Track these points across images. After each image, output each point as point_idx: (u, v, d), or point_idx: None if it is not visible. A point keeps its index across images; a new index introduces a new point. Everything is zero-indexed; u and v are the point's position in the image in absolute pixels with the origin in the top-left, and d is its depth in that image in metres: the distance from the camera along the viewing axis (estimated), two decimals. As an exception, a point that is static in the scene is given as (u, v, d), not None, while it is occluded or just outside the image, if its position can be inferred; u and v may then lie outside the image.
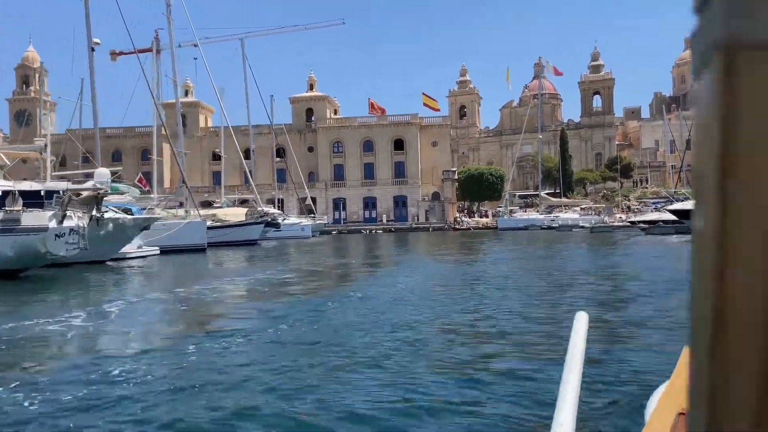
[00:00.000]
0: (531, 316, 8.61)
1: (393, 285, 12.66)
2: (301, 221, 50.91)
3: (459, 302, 10.15)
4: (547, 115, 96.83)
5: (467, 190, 78.08)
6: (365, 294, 11.03)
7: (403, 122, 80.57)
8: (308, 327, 8.19)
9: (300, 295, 11.95)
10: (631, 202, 77.92)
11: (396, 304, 9.78)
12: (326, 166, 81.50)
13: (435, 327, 8.15)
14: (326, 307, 9.64)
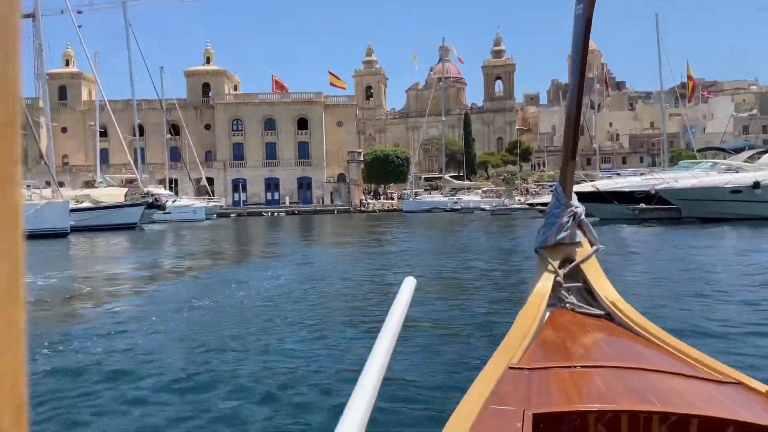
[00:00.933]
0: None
1: (269, 280, 10.70)
2: (193, 203, 47.19)
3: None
4: (451, 98, 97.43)
5: (373, 172, 76.86)
6: (217, 297, 8.74)
7: (307, 100, 77.62)
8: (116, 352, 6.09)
9: (133, 297, 9.50)
10: (530, 185, 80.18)
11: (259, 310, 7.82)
12: (225, 144, 77.07)
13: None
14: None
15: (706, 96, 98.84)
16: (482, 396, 1.45)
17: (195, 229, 34.60)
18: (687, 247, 14.69)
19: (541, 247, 2.78)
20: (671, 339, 2.02)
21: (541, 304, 2.41)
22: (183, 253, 18.24)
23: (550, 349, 1.99)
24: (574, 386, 1.56)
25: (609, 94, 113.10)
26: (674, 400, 1.41)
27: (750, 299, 7.22)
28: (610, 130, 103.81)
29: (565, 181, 2.82)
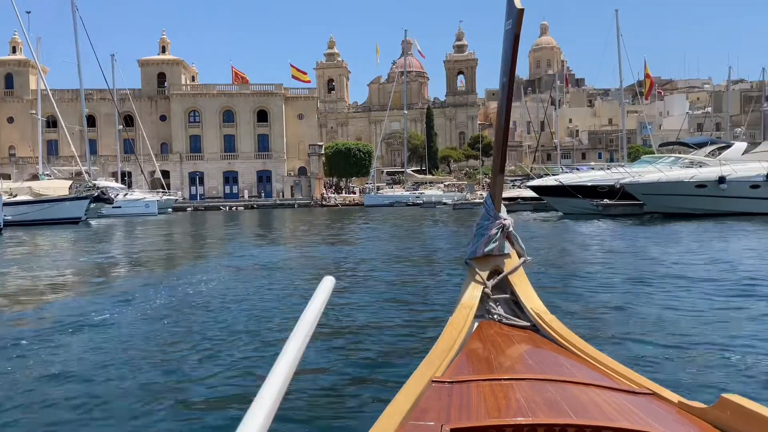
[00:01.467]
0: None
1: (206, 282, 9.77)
2: (144, 197, 45.30)
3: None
4: (414, 92, 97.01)
5: (335, 166, 75.80)
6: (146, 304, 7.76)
7: (267, 92, 75.83)
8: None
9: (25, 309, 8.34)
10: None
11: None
12: (181, 136, 74.70)
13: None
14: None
15: (662, 94, 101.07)
16: (402, 410, 1.43)
17: (145, 224, 33.05)
18: (645, 245, 14.38)
19: (471, 258, 2.81)
20: (591, 350, 2.06)
21: (469, 315, 2.41)
22: (118, 252, 17.02)
23: (474, 361, 2.00)
24: (494, 399, 1.55)
25: (569, 90, 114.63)
26: (590, 412, 1.42)
27: (690, 304, 6.88)
28: (570, 126, 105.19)
29: (495, 193, 2.86)
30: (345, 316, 6.57)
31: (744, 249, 12.36)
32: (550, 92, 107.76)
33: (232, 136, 75.39)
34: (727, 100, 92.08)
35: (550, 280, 8.80)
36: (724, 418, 1.38)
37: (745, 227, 17.99)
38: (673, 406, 1.57)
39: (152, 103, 76.52)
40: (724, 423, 1.37)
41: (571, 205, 26.75)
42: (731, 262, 10.58)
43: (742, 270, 9.39)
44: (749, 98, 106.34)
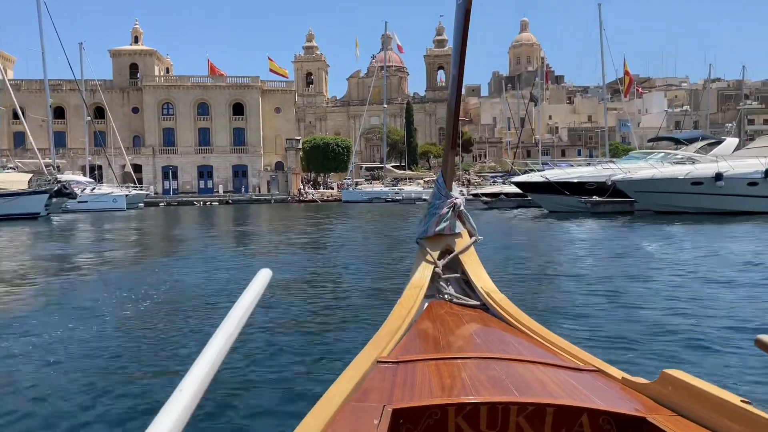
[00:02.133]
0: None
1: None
2: (112, 191, 43.45)
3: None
4: (393, 87, 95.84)
5: (313, 161, 74.31)
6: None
7: (243, 85, 73.99)
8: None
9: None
10: (471, 176, 79.85)
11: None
12: (154, 129, 72.53)
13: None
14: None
15: (640, 92, 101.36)
16: (345, 391, 1.42)
17: (111, 220, 31.40)
18: (635, 244, 13.47)
19: (421, 237, 2.80)
20: (539, 328, 2.07)
21: (419, 295, 2.40)
22: (65, 250, 15.61)
23: (422, 341, 1.99)
24: (438, 379, 1.55)
25: (548, 87, 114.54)
26: (533, 390, 1.45)
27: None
28: (549, 123, 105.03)
29: (446, 171, 2.84)
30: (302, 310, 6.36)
31: (741, 251, 11.48)
32: (531, 89, 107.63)
33: (207, 129, 73.47)
34: (706, 98, 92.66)
35: (527, 283, 8.00)
36: (666, 392, 1.41)
37: (741, 227, 17.17)
38: (616, 382, 1.58)
39: (124, 94, 74.20)
40: (665, 397, 1.41)
41: (557, 203, 25.74)
42: (720, 260, 9.95)
43: (713, 267, 9.11)
44: (727, 96, 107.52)
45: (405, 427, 1.33)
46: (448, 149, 2.77)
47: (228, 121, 73.35)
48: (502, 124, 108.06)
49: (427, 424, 1.34)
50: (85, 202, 39.45)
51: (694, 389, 1.33)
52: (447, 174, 2.83)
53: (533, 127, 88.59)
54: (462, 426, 1.36)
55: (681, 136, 29.92)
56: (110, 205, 40.99)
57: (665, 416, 1.32)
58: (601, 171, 25.86)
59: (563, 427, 1.34)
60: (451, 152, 2.76)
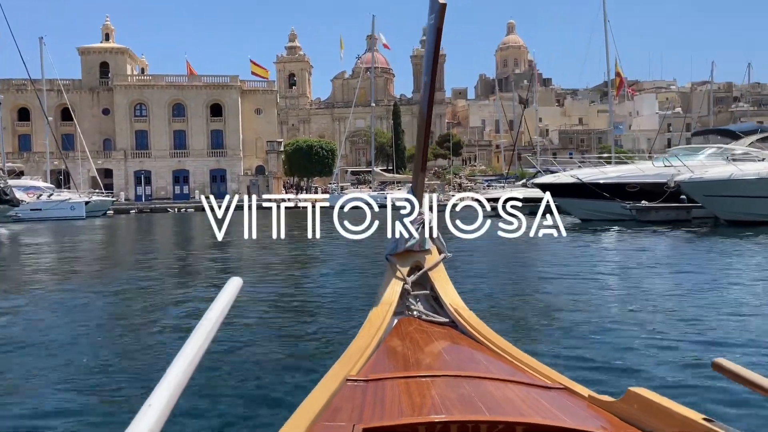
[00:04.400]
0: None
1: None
2: (69, 198, 39.29)
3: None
4: (379, 89, 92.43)
5: (295, 165, 70.44)
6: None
7: (221, 84, 69.94)
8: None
9: None
10: (462, 180, 76.67)
11: None
12: (126, 131, 68.13)
13: None
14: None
15: (632, 93, 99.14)
16: (314, 410, 1.41)
17: (61, 231, 27.38)
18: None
19: (391, 254, 2.81)
20: (508, 345, 2.09)
21: (388, 312, 2.41)
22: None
23: (391, 358, 2.00)
24: (408, 397, 1.56)
25: (537, 90, 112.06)
26: (503, 408, 1.47)
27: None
28: (540, 125, 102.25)
29: (417, 189, 2.87)
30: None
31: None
32: (527, 92, 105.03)
33: (182, 131, 69.25)
34: (698, 99, 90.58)
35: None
36: (631, 410, 1.44)
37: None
38: (583, 400, 1.61)
39: (94, 95, 69.79)
40: (630, 415, 1.44)
41: (590, 209, 21.67)
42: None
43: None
44: (718, 99, 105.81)
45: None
46: (417, 171, 2.81)
47: (205, 122, 69.21)
48: (491, 126, 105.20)
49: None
50: (38, 210, 35.35)
51: (659, 407, 1.36)
52: (417, 191, 2.85)
53: (523, 130, 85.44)
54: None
55: (735, 127, 26.25)
56: (68, 213, 36.82)
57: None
58: (649, 169, 21.98)
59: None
60: (421, 174, 2.79)
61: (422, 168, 2.76)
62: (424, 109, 2.53)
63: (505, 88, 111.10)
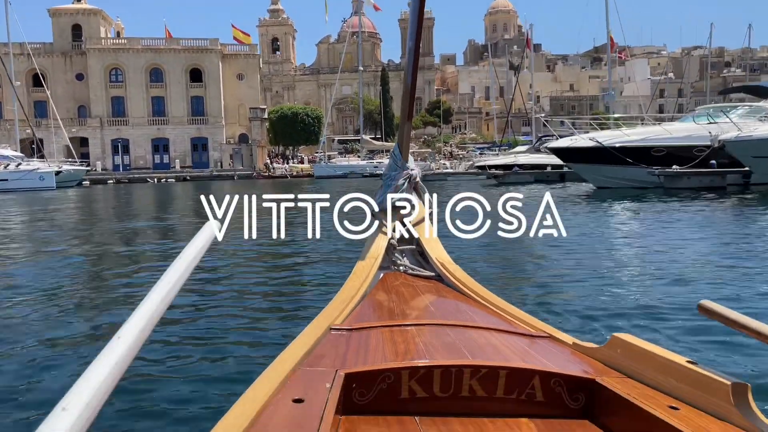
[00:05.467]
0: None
1: None
2: (38, 168, 36.81)
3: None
4: (366, 54, 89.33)
5: (280, 133, 67.87)
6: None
7: (201, 48, 66.62)
8: None
9: None
10: (452, 149, 74.77)
11: None
12: (101, 98, 64.89)
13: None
14: None
15: (623, 58, 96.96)
16: (296, 356, 1.42)
17: (26, 202, 25.22)
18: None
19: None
20: (493, 297, 2.10)
21: (373, 266, 2.42)
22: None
23: (375, 309, 2.01)
24: (392, 345, 1.57)
25: (528, 55, 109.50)
26: (486, 354, 1.49)
27: None
28: (530, 92, 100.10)
29: (402, 142, 2.83)
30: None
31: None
32: (521, 58, 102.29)
33: (161, 98, 66.16)
34: (692, 64, 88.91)
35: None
36: (615, 355, 1.46)
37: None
38: (567, 347, 1.63)
39: (66, 59, 66.23)
40: (614, 360, 1.46)
41: (610, 175, 19.65)
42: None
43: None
44: (710, 64, 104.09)
45: (358, 391, 1.33)
46: (403, 120, 2.77)
47: (185, 88, 66.14)
48: (480, 93, 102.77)
49: (380, 388, 1.35)
50: (5, 180, 32.98)
51: (643, 351, 1.37)
52: (403, 145, 2.81)
53: (511, 98, 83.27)
54: (415, 389, 1.36)
55: (766, 83, 24.28)
56: (36, 183, 34.44)
57: (614, 378, 1.37)
58: (677, 130, 19.86)
59: (515, 389, 1.37)
60: (408, 123, 2.76)
61: (408, 117, 2.69)
62: (410, 58, 2.44)
63: (494, 54, 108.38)
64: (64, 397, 0.68)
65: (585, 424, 1.32)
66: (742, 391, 1.14)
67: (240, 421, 1.02)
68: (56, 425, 0.64)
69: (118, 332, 0.83)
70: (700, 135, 18.37)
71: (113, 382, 0.74)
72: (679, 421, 1.11)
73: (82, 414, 0.67)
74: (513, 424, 1.30)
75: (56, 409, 0.67)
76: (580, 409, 1.36)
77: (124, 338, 0.82)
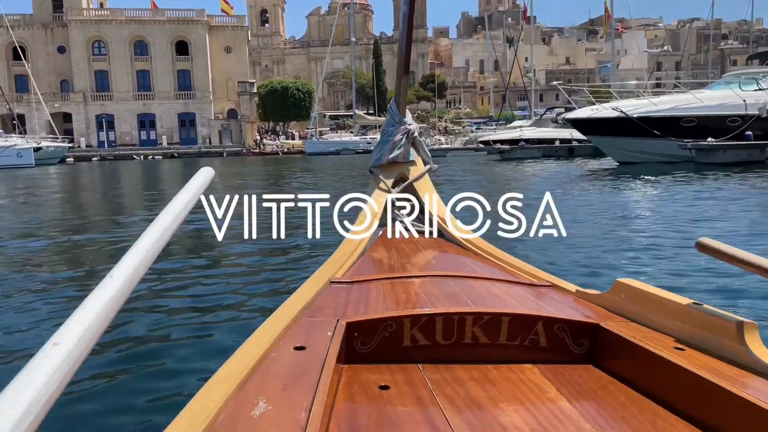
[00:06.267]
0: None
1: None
2: (15, 144, 35.10)
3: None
4: (358, 26, 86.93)
5: (270, 108, 65.98)
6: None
7: (187, 19, 64.17)
8: None
9: None
10: (447, 124, 73.27)
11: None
12: (83, 72, 62.57)
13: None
14: None
15: (621, 30, 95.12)
16: (296, 307, 1.43)
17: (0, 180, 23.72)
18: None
19: (375, 165, 2.79)
20: (495, 250, 2.09)
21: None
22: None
23: (376, 264, 2.01)
24: (393, 295, 1.58)
25: (523, 27, 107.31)
26: (488, 302, 1.49)
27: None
28: (525, 65, 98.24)
29: (399, 97, 2.77)
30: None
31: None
32: (503, 30, 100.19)
33: (146, 72, 63.94)
34: (688, 38, 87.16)
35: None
36: (618, 300, 1.46)
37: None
38: (570, 294, 1.63)
39: (47, 31, 63.69)
40: (617, 305, 1.46)
41: (634, 149, 18.03)
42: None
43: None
44: (706, 36, 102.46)
45: (360, 339, 1.32)
46: (400, 74, 2.69)
47: (171, 62, 63.91)
48: (475, 67, 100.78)
49: (383, 337, 1.34)
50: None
51: (646, 295, 1.37)
52: (400, 100, 2.75)
53: (506, 71, 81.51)
54: (417, 337, 1.36)
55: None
56: (14, 160, 32.80)
57: (618, 322, 1.36)
58: (708, 99, 18.25)
59: (519, 335, 1.37)
60: (404, 77, 2.68)
61: (405, 71, 2.62)
62: (405, 9, 2.38)
63: (488, 27, 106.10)
64: (56, 332, 0.68)
65: (589, 368, 1.32)
66: (750, 329, 1.12)
67: (241, 368, 1.03)
68: (47, 359, 0.65)
69: (111, 271, 0.82)
70: (734, 104, 16.94)
71: (105, 319, 0.74)
72: (685, 361, 1.10)
73: (74, 350, 0.67)
74: (517, 370, 1.30)
75: (47, 344, 0.67)
76: (584, 354, 1.36)
77: (116, 277, 0.81)
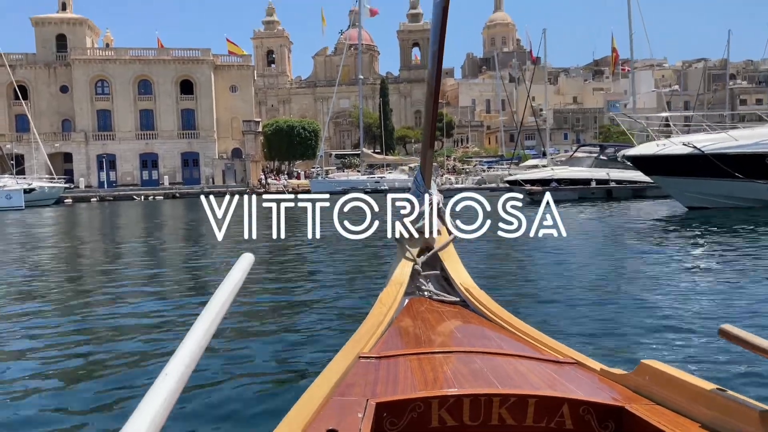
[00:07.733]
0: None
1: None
2: (5, 185, 33.35)
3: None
4: (364, 66, 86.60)
5: (275, 148, 64.63)
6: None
7: (192, 59, 63.49)
8: None
9: None
10: (455, 163, 71.78)
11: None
12: (86, 111, 61.53)
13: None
14: None
15: (627, 71, 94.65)
16: (327, 386, 1.43)
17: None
18: None
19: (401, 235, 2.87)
20: (518, 323, 2.10)
21: (399, 292, 2.43)
22: None
23: (403, 336, 2.02)
24: (421, 373, 1.58)
25: (528, 68, 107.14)
26: (515, 382, 1.49)
27: None
28: (533, 105, 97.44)
29: (425, 169, 2.87)
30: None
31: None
32: (508, 70, 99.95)
33: (150, 111, 62.87)
34: (697, 78, 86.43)
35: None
36: (643, 382, 1.45)
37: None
38: (595, 373, 1.62)
39: (50, 71, 63.03)
40: (643, 387, 1.45)
41: (709, 193, 15.77)
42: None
43: None
44: (715, 76, 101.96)
45: (389, 420, 1.34)
46: (426, 147, 2.76)
47: (175, 101, 62.90)
48: (481, 107, 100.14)
49: (411, 418, 1.36)
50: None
51: (671, 378, 1.37)
52: (426, 172, 2.83)
53: (514, 110, 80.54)
54: (445, 418, 1.37)
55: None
56: (3, 203, 30.95)
57: (643, 405, 1.36)
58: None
59: (545, 418, 1.37)
60: (430, 150, 2.75)
61: (430, 144, 2.70)
62: (432, 77, 2.45)
63: (493, 68, 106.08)
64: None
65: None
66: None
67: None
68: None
69: (164, 369, 0.85)
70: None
71: (162, 420, 0.76)
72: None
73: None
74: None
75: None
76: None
77: (171, 375, 0.83)
